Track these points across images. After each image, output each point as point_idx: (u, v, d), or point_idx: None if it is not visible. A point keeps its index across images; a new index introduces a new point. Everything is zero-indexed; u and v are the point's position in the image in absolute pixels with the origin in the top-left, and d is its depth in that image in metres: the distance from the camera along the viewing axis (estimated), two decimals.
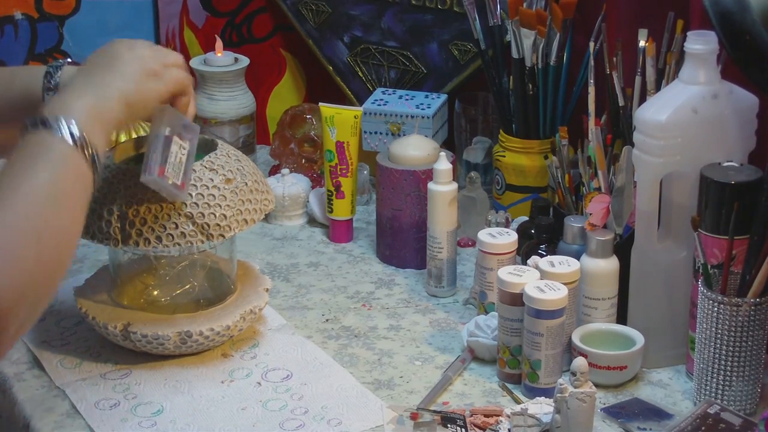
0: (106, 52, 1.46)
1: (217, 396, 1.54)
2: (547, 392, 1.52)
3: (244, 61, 2.16)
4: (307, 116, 2.14)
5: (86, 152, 1.33)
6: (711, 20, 1.47)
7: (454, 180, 1.78)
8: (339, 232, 1.97)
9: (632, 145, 1.57)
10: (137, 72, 1.44)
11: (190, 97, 1.54)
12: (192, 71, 2.17)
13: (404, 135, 1.98)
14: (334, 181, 1.95)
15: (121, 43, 1.47)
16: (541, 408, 1.48)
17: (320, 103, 1.97)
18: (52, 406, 1.53)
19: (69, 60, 1.54)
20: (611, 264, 1.60)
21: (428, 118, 2.02)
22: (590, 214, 1.63)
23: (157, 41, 2.24)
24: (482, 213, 1.91)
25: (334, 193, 1.95)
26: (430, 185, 1.78)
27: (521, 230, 1.80)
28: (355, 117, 1.94)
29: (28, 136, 1.32)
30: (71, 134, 1.32)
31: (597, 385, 1.45)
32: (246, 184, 1.59)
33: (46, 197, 1.28)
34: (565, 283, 1.54)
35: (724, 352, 1.47)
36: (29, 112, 1.37)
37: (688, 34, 1.54)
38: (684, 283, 1.56)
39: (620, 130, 1.72)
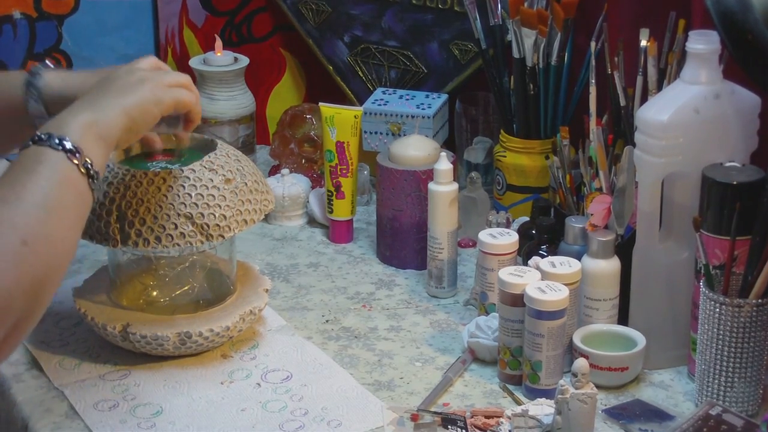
0: (106, 77, 1.45)
1: (217, 397, 1.54)
2: (548, 393, 1.51)
3: (244, 60, 2.16)
4: (307, 116, 2.14)
5: (79, 163, 1.33)
6: (713, 20, 1.46)
7: (454, 180, 1.78)
8: (339, 232, 1.97)
9: (634, 145, 1.56)
10: (136, 86, 1.43)
11: (195, 115, 1.53)
12: (192, 72, 2.17)
13: (404, 135, 1.98)
14: (334, 181, 1.94)
15: (120, 68, 1.47)
16: (542, 409, 1.47)
17: (320, 103, 1.97)
18: (51, 407, 1.52)
19: (48, 63, 1.53)
20: (612, 265, 1.60)
21: (429, 118, 2.01)
22: (591, 214, 1.62)
23: (157, 41, 2.24)
24: (483, 213, 1.91)
25: (334, 193, 1.95)
26: (431, 185, 1.77)
27: (522, 231, 1.79)
28: (355, 117, 1.94)
29: (23, 152, 1.32)
30: (63, 146, 1.32)
31: (598, 387, 1.45)
32: (246, 184, 1.59)
33: (37, 206, 1.28)
34: (566, 284, 1.54)
35: (725, 353, 1.46)
36: (12, 120, 1.37)
37: (690, 33, 1.54)
38: (686, 284, 1.55)
39: (622, 130, 1.72)
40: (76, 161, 1.33)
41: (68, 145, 1.32)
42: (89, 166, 1.34)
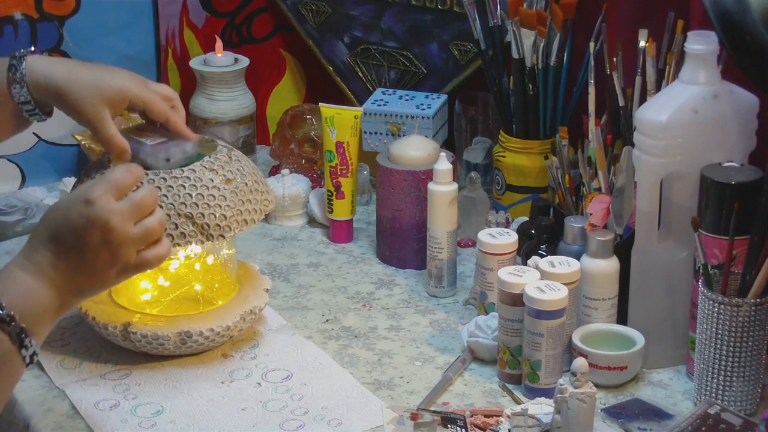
0: (74, 234, 1.27)
1: (217, 396, 1.54)
2: (547, 392, 1.52)
3: (244, 61, 2.16)
4: (307, 116, 2.14)
5: (27, 356, 1.25)
6: (711, 20, 1.47)
7: (454, 180, 1.78)
8: (339, 232, 1.97)
9: (632, 145, 1.57)
10: (108, 272, 1.30)
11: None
12: (192, 72, 2.17)
13: (404, 135, 1.98)
14: (334, 181, 1.95)
15: (96, 230, 1.28)
16: (542, 408, 1.48)
17: (320, 104, 1.97)
18: (52, 406, 1.52)
19: (32, 48, 1.51)
20: (611, 264, 1.60)
21: (428, 118, 2.02)
22: (590, 214, 1.63)
23: (157, 41, 2.24)
24: (482, 213, 1.91)
25: (334, 193, 1.95)
26: (430, 185, 1.78)
27: (521, 230, 1.80)
28: (355, 117, 1.94)
29: None
30: (22, 342, 1.24)
31: (597, 386, 1.45)
32: (246, 184, 1.59)
33: None
34: (565, 284, 1.54)
35: (724, 352, 1.47)
36: None
37: (689, 34, 1.54)
38: (684, 284, 1.56)
39: (620, 130, 1.72)
40: (24, 353, 1.25)
41: (25, 340, 1.24)
42: (35, 356, 1.26)
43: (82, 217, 1.27)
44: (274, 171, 2.13)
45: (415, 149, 1.86)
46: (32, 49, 1.50)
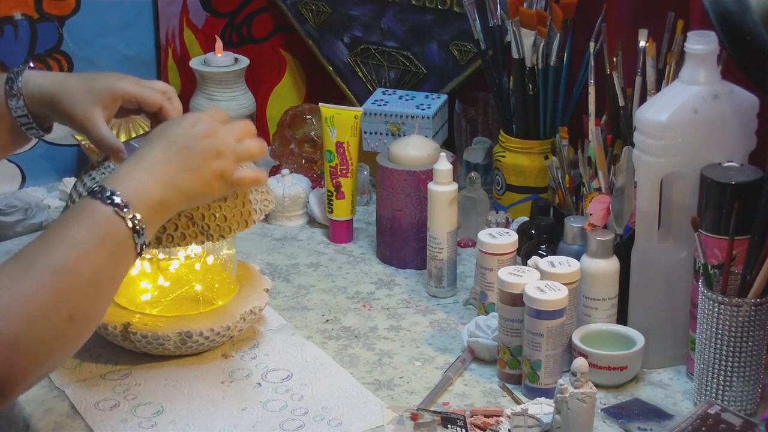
0: (184, 137, 1.42)
1: (217, 396, 1.54)
2: (547, 393, 1.52)
3: (244, 61, 2.16)
4: (307, 116, 2.14)
5: (138, 243, 1.35)
6: (711, 20, 1.47)
7: (454, 180, 1.78)
8: (339, 232, 1.97)
9: (632, 145, 1.57)
10: (211, 175, 1.43)
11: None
12: (192, 72, 2.17)
13: (404, 135, 1.98)
14: (334, 181, 1.95)
15: (190, 123, 1.44)
16: (542, 408, 1.47)
17: (320, 104, 1.97)
18: (52, 406, 1.52)
19: (31, 65, 1.54)
20: (611, 264, 1.60)
21: (428, 118, 2.02)
22: (590, 214, 1.63)
23: (157, 42, 2.24)
24: (482, 213, 1.91)
25: (334, 193, 1.95)
26: (430, 185, 1.78)
27: (521, 231, 1.80)
28: (355, 117, 1.94)
29: (94, 204, 1.33)
30: (133, 224, 1.33)
31: (597, 386, 1.45)
32: None
33: (92, 283, 1.30)
34: (565, 284, 1.54)
35: (724, 352, 1.47)
36: None
37: (689, 34, 1.54)
38: (684, 284, 1.56)
39: (620, 130, 1.72)
40: (136, 240, 1.34)
41: (138, 225, 1.34)
42: (144, 246, 1.36)
43: (192, 125, 1.43)
44: (274, 171, 2.13)
45: (415, 149, 1.86)
46: (31, 65, 1.53)
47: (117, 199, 1.33)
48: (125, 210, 1.33)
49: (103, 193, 1.33)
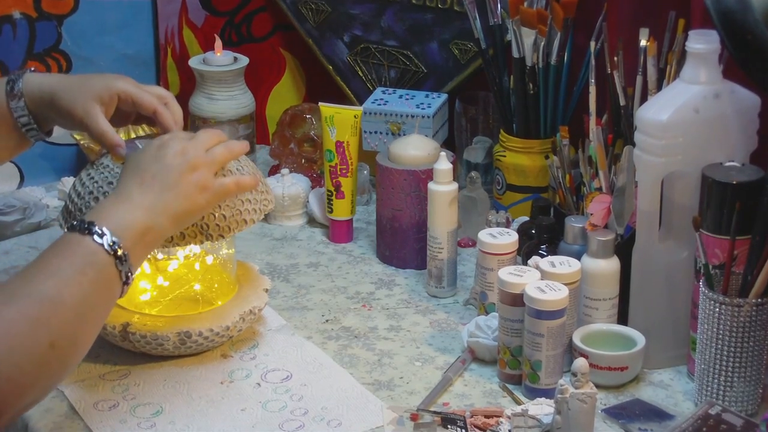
0: (155, 161, 1.43)
1: (217, 397, 1.54)
2: (547, 393, 1.51)
3: (244, 60, 2.16)
4: (307, 116, 2.14)
5: (123, 271, 1.35)
6: (712, 19, 1.46)
7: (454, 180, 1.78)
8: (339, 232, 1.97)
9: (633, 144, 1.56)
10: (191, 188, 1.44)
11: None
12: (191, 71, 2.17)
13: (404, 135, 1.98)
14: (334, 181, 1.94)
15: (174, 154, 1.44)
16: (542, 409, 1.47)
17: (320, 103, 1.97)
18: (51, 407, 1.52)
19: (32, 69, 1.56)
20: (612, 264, 1.60)
21: (428, 117, 2.01)
22: (591, 214, 1.62)
23: (156, 41, 2.23)
24: (483, 213, 1.91)
25: (334, 193, 1.95)
26: (431, 185, 1.77)
27: (522, 230, 1.79)
28: (355, 117, 1.94)
29: (73, 236, 1.34)
30: (115, 252, 1.34)
31: (598, 386, 1.45)
32: None
33: (74, 310, 1.30)
34: (565, 284, 1.54)
35: (725, 352, 1.46)
36: None
37: (690, 33, 1.53)
38: (685, 284, 1.55)
39: (621, 129, 1.72)
40: (119, 267, 1.35)
41: (119, 251, 1.34)
42: (129, 274, 1.36)
43: (158, 149, 1.44)
44: (273, 171, 2.12)
45: (416, 149, 1.86)
46: (32, 69, 1.55)
47: (95, 228, 1.34)
48: (104, 237, 1.34)
49: (82, 225, 1.34)
